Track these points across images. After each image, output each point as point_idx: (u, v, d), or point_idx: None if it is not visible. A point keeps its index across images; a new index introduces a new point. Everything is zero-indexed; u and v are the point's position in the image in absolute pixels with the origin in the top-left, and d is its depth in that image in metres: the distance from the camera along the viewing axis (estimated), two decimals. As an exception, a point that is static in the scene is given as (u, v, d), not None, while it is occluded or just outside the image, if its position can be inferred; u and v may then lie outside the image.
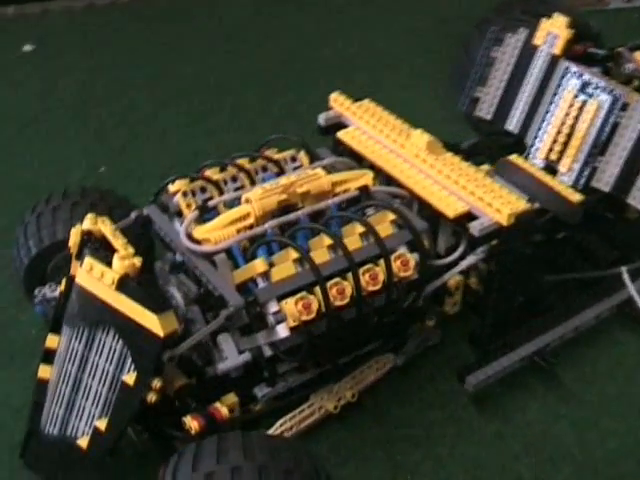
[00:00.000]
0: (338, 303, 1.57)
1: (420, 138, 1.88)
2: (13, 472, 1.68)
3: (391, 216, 1.70)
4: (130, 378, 1.49)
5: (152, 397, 1.50)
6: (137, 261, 1.47)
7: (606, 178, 1.95)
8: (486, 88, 2.25)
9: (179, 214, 1.76)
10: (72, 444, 1.57)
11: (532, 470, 1.74)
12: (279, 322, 1.55)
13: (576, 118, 2.01)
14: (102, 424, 1.54)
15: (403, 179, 1.85)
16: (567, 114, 2.03)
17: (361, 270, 1.61)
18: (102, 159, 2.70)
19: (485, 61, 2.26)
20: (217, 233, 1.63)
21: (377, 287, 1.61)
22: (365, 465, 1.76)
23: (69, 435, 1.59)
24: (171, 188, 1.79)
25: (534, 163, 2.06)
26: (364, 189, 1.75)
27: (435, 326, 1.94)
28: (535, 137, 2.17)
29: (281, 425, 1.73)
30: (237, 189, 1.80)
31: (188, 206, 1.75)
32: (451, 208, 1.76)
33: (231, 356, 1.63)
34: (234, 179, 1.82)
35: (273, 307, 1.56)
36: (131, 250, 1.50)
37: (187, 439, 1.54)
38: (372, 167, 1.91)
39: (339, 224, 1.69)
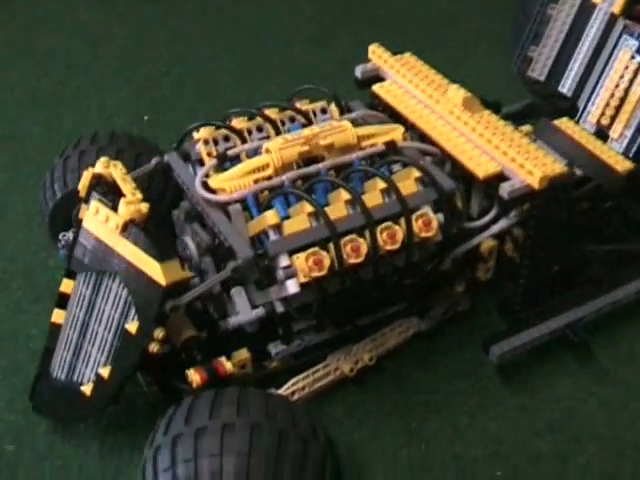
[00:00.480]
0: (352, 261, 1.50)
1: (456, 94, 1.78)
2: (28, 415, 1.68)
3: (416, 173, 1.61)
4: (133, 326, 1.46)
5: (154, 347, 1.47)
6: (144, 207, 1.43)
7: (659, 146, 1.82)
8: (540, 47, 2.13)
9: (200, 162, 1.71)
10: (77, 390, 1.56)
11: (554, 447, 1.65)
12: (289, 277, 1.49)
13: (631, 81, 1.88)
14: (105, 372, 1.52)
15: (435, 136, 1.75)
16: (622, 76, 1.90)
17: (379, 228, 1.53)
18: (147, 108, 2.68)
19: (540, 19, 2.13)
20: (233, 182, 1.57)
21: (395, 246, 1.53)
22: (379, 430, 1.69)
23: (75, 381, 1.58)
24: (195, 135, 1.74)
25: (584, 127, 1.93)
26: (391, 144, 1.67)
27: (465, 292, 1.85)
28: (588, 100, 2.05)
29: (293, 384, 1.68)
30: (262, 139, 1.74)
31: (209, 154, 1.70)
32: (482, 168, 1.66)
33: (243, 311, 1.59)
34: (259, 129, 1.76)
35: (283, 261, 1.50)
36: (139, 195, 1.46)
37: (191, 392, 1.51)
38: (405, 123, 1.82)
39: (361, 179, 1.61)
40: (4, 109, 2.67)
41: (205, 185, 1.59)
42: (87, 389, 1.55)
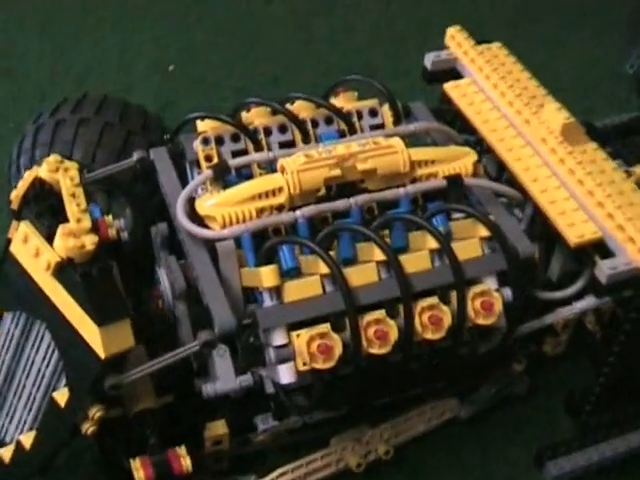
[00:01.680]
0: (375, 351, 1.07)
1: (554, 116, 1.29)
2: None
3: (483, 230, 1.15)
4: (62, 397, 1.07)
5: (89, 428, 1.07)
6: (89, 242, 1.01)
7: None
8: None
9: (199, 165, 1.28)
10: (-4, 448, 1.18)
11: None
12: (283, 361, 1.07)
13: None
14: (27, 440, 1.14)
15: (517, 171, 1.28)
16: None
17: (419, 306, 1.09)
18: (174, 57, 2.22)
19: None
20: (227, 210, 1.14)
21: (438, 335, 1.10)
22: None
23: (-4, 435, 1.20)
24: (200, 126, 1.30)
25: None
26: (456, 179, 1.21)
27: (524, 371, 1.41)
28: None
29: (280, 475, 1.28)
30: (284, 145, 1.30)
31: (207, 159, 1.26)
32: (576, 230, 1.19)
33: (225, 377, 1.18)
34: (283, 129, 1.31)
35: (278, 339, 1.07)
36: (86, 223, 1.04)
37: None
38: (481, 142, 1.36)
39: (406, 228, 1.16)
40: (9, 41, 2.25)
41: (191, 208, 1.16)
42: (6, 454, 1.18)
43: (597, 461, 1.31)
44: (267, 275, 1.06)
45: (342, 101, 1.37)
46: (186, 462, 1.11)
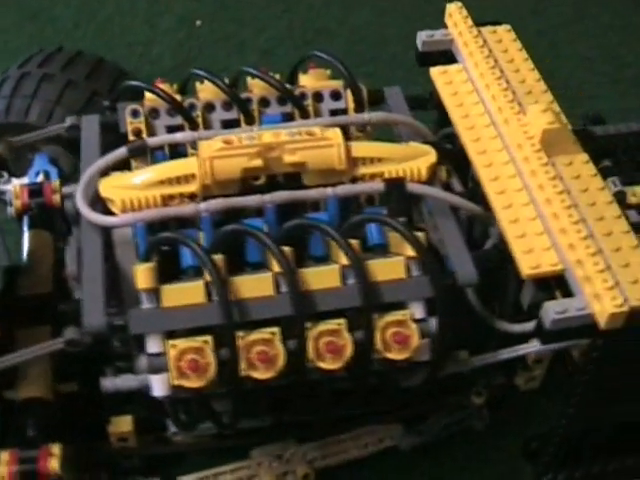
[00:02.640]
0: (254, 374, 0.93)
1: (536, 119, 1.09)
2: None
3: (409, 250, 0.98)
4: None
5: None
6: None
7: None
8: None
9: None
10: None
11: None
12: (156, 371, 0.95)
13: None
14: None
15: (484, 179, 1.10)
16: None
17: (316, 330, 0.94)
18: (204, 11, 2.10)
19: None
20: (129, 194, 1.02)
21: (335, 366, 0.94)
22: None
23: None
24: (148, 96, 1.18)
25: None
26: (397, 184, 1.04)
27: (483, 405, 1.24)
28: None
29: (191, 483, 1.17)
30: (228, 124, 1.16)
31: (135, 132, 1.14)
32: (531, 259, 1.01)
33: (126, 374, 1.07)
34: (228, 106, 1.17)
35: (152, 346, 0.95)
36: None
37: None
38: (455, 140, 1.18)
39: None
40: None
41: (89, 188, 1.05)
42: None
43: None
44: (141, 275, 0.94)
45: (310, 79, 1.22)
46: (52, 463, 1.01)
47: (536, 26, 2.06)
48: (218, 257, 0.94)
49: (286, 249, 0.95)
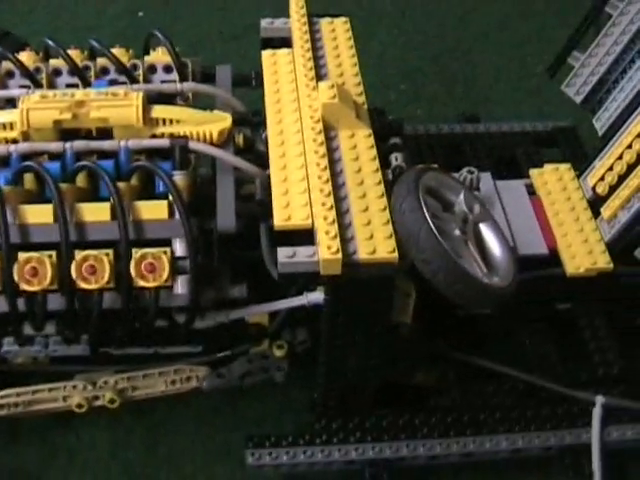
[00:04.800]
0: (25, 287, 1.10)
1: (322, 94, 1.24)
2: None
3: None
4: None
5: None
6: None
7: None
8: (585, 57, 1.55)
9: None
10: None
11: None
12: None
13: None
14: None
15: (272, 144, 1.24)
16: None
17: (79, 255, 1.11)
18: (148, 3, 2.30)
19: (593, 16, 1.54)
20: (-45, 136, 1.20)
21: (93, 286, 1.11)
22: None
23: None
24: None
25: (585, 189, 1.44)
26: (180, 142, 1.20)
27: (284, 358, 1.37)
28: (600, 151, 1.47)
29: (3, 397, 1.34)
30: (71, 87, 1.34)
31: (-11, 90, 1.33)
32: (286, 212, 1.15)
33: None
34: (73, 73, 1.35)
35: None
36: None
37: None
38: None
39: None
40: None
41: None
42: None
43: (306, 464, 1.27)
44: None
45: (157, 55, 1.39)
46: None
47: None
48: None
49: (64, 185, 1.12)
